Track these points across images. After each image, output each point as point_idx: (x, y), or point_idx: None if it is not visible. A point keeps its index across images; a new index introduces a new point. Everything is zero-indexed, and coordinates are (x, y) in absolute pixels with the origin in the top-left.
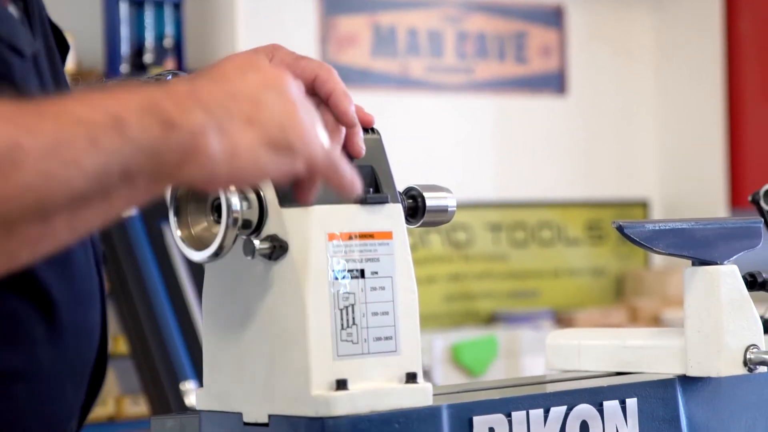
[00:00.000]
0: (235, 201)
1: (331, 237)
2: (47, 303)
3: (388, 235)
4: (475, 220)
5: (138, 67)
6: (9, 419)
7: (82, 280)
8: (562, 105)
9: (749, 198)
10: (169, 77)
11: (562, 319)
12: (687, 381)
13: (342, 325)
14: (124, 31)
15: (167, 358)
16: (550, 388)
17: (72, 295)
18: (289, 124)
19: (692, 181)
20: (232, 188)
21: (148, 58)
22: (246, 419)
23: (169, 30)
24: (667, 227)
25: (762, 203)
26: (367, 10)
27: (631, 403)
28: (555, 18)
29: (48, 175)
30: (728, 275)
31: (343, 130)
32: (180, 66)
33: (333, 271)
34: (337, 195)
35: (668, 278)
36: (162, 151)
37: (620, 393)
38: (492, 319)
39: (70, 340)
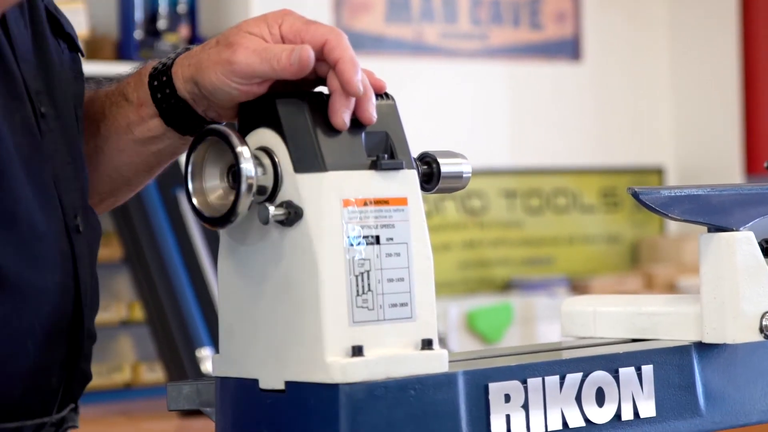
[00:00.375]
0: (250, 167)
1: (346, 203)
2: None
3: (403, 201)
4: (489, 187)
5: (152, 33)
6: None
7: (38, 243)
8: (577, 71)
9: (765, 164)
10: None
11: (578, 286)
12: (702, 348)
13: (357, 291)
14: None
15: (183, 325)
16: (566, 354)
17: (21, 258)
18: None
19: (707, 147)
20: (247, 154)
21: (161, 24)
22: (262, 386)
23: None
24: (682, 193)
25: None
26: None
27: (647, 369)
28: None
29: None
30: (744, 241)
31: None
32: (194, 32)
33: (348, 237)
34: None
35: (684, 245)
36: None
37: (636, 360)
38: (507, 286)
39: (22, 300)
